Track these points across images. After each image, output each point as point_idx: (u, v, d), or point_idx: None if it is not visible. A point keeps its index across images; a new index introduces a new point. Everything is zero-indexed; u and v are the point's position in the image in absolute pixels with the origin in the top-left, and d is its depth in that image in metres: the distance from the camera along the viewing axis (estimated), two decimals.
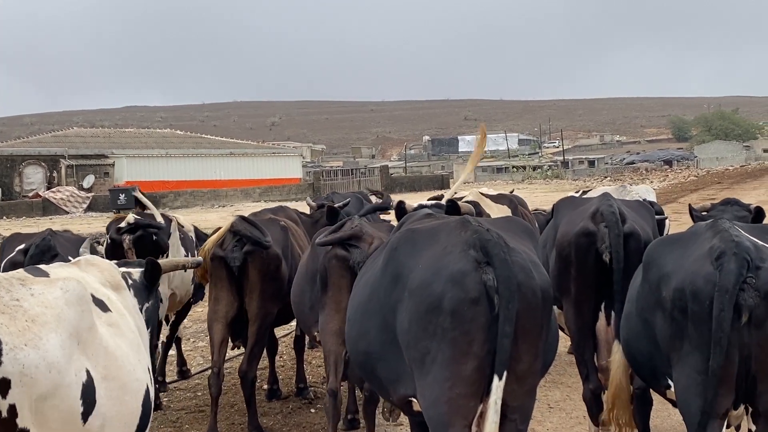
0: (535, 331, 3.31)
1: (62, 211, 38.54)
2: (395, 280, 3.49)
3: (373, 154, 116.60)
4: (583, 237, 4.72)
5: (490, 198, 6.93)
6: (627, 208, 4.92)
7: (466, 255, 3.29)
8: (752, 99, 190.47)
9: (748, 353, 3.40)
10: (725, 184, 37.24)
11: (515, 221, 4.06)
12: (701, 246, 3.59)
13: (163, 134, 56.30)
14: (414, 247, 3.51)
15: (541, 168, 65.45)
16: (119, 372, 3.06)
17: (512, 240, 3.49)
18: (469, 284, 3.22)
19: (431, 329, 3.25)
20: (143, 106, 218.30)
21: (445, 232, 3.51)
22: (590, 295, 4.73)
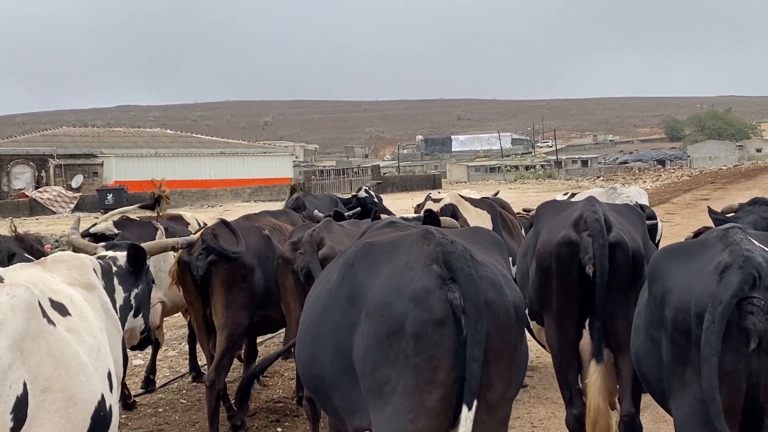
0: (507, 354, 2.99)
1: (49, 211, 38.09)
2: (351, 300, 3.15)
3: (367, 153, 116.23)
4: (564, 247, 4.29)
5: (470, 201, 6.47)
6: (614, 214, 4.49)
7: (428, 271, 2.96)
8: (745, 99, 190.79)
9: (757, 383, 2.97)
10: (719, 184, 36.96)
11: (483, 232, 3.70)
12: (710, 260, 3.18)
13: (153, 134, 55.81)
14: (372, 263, 3.17)
15: (534, 168, 65.16)
16: (68, 383, 2.87)
17: (480, 253, 3.17)
18: (433, 303, 2.89)
19: (392, 355, 2.91)
20: (135, 106, 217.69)
21: (406, 246, 3.16)
22: (573, 310, 4.30)
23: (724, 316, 2.93)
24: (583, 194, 6.56)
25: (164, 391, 7.02)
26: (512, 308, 3.01)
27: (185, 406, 6.57)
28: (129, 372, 7.49)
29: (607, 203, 4.83)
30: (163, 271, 6.56)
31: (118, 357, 3.65)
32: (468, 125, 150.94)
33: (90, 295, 3.47)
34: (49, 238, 23.97)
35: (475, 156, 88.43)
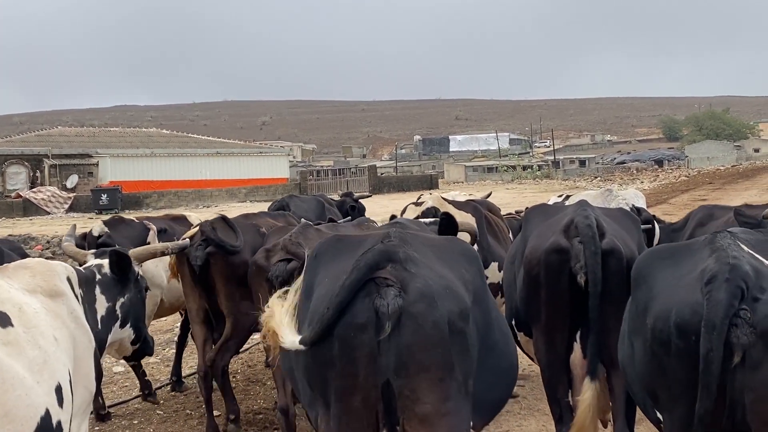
0: (436, 369, 2.88)
1: (43, 212, 37.85)
2: (308, 294, 3.21)
3: (364, 153, 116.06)
4: (554, 254, 4.02)
5: (453, 204, 6.16)
6: (608, 219, 4.24)
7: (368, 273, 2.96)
8: (743, 99, 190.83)
9: (740, 399, 2.81)
10: (717, 185, 36.73)
11: (454, 242, 3.49)
12: (695, 266, 3.01)
13: (149, 133, 55.53)
14: (332, 257, 3.23)
15: (531, 168, 64.94)
16: (2, 398, 2.72)
17: (437, 262, 3.08)
18: (358, 308, 2.89)
19: (326, 356, 2.95)
20: (133, 106, 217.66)
21: (366, 246, 3.14)
22: (563, 322, 4.03)
23: (721, 341, 2.78)
24: (578, 196, 6.32)
25: (141, 401, 6.75)
26: (443, 322, 2.91)
27: (161, 418, 6.33)
28: (107, 380, 7.27)
29: (600, 207, 4.56)
30: (159, 268, 6.49)
31: (88, 369, 3.47)
32: (466, 125, 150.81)
33: (54, 302, 3.31)
34: (41, 239, 23.81)
35: (472, 156, 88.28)
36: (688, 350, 2.86)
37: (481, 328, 3.15)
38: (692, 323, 2.85)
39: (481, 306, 3.20)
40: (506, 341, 3.43)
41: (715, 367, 2.77)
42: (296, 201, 8.57)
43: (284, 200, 8.52)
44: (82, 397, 3.41)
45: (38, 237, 23.59)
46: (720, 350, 2.77)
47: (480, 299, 3.22)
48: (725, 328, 2.77)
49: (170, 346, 8.87)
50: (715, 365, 2.77)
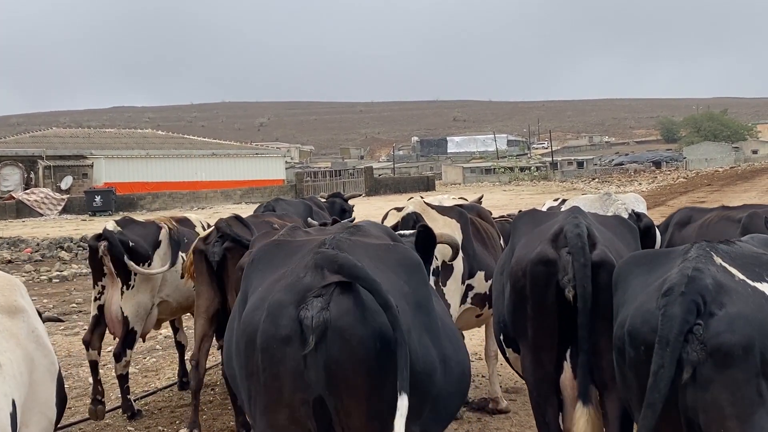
0: (365, 387, 2.72)
1: (36, 213, 37.53)
2: (243, 300, 3.05)
3: (362, 155, 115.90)
4: (540, 265, 3.69)
5: (436, 209, 5.80)
6: (602, 228, 3.92)
7: (295, 285, 2.81)
8: (741, 100, 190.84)
9: (694, 418, 2.66)
10: (715, 186, 36.45)
11: (396, 250, 3.22)
12: (664, 273, 2.89)
13: (144, 134, 55.23)
14: (268, 264, 3.07)
15: (529, 169, 64.70)
16: None
17: (374, 271, 2.86)
18: (283, 319, 2.74)
19: (250, 367, 2.84)
20: (131, 107, 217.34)
21: (304, 251, 2.99)
22: (551, 339, 3.71)
23: (674, 358, 2.65)
24: (575, 200, 5.97)
25: (113, 416, 6.41)
26: (372, 338, 2.71)
27: None
28: (81, 392, 6.96)
29: (595, 214, 4.22)
30: (169, 270, 6.47)
31: (48, 395, 3.16)
32: (464, 126, 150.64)
33: (11, 320, 3.04)
34: (31, 242, 23.49)
35: (470, 157, 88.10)
36: (638, 360, 2.80)
37: (433, 340, 2.95)
38: (641, 332, 2.79)
39: (426, 316, 3.00)
40: (457, 350, 3.23)
41: (664, 384, 2.64)
42: (282, 204, 8.27)
43: (270, 204, 8.24)
44: (39, 425, 3.12)
45: (28, 239, 23.28)
46: (672, 367, 2.64)
47: (425, 310, 3.02)
48: (678, 345, 2.65)
49: (151, 355, 8.56)
50: (664, 383, 2.64)
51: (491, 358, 6.21)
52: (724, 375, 2.61)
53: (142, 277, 6.28)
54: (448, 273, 5.40)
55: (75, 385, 7.34)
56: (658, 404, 2.64)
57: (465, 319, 5.69)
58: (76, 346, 9.14)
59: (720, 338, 2.63)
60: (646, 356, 2.71)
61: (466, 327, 6.05)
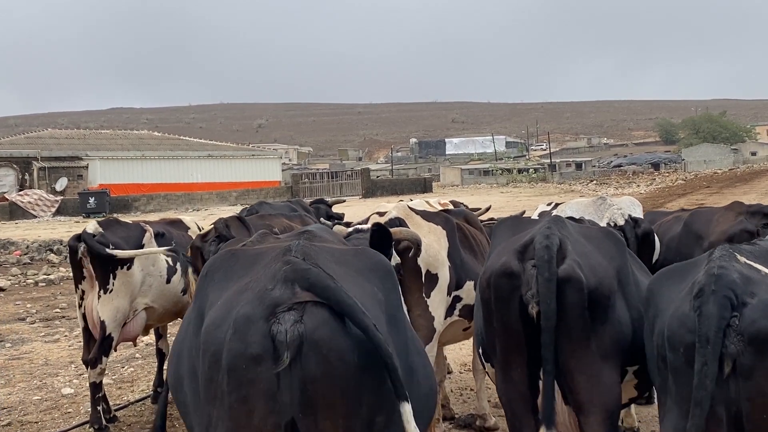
0: (345, 406, 2.48)
1: (30, 215, 37.24)
2: (199, 316, 2.74)
3: (360, 156, 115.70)
4: (503, 278, 3.40)
5: (421, 215, 5.48)
6: (582, 241, 3.63)
7: (264, 296, 2.52)
8: (739, 102, 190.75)
9: (737, 410, 2.71)
10: (714, 188, 36.13)
11: (365, 254, 2.96)
12: (692, 280, 2.96)
13: (140, 136, 54.92)
14: (226, 276, 2.78)
15: (527, 171, 64.45)
16: None
17: (341, 279, 2.61)
18: (252, 335, 2.45)
19: (212, 390, 2.53)
20: (129, 108, 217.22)
21: (266, 260, 2.71)
22: (520, 357, 3.41)
23: (716, 355, 2.71)
24: (568, 204, 5.66)
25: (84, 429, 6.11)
26: (351, 352, 2.47)
27: None
28: (50, 405, 6.66)
29: (580, 226, 3.93)
30: (152, 275, 6.25)
31: None
32: (462, 128, 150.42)
33: None
34: (21, 244, 23.18)
35: (469, 159, 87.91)
36: (679, 363, 2.87)
37: (400, 353, 2.69)
38: (679, 334, 2.85)
39: (397, 327, 2.78)
40: (424, 363, 2.99)
41: (710, 381, 2.69)
42: (266, 207, 8.02)
43: (254, 207, 7.99)
44: None
45: (18, 242, 22.98)
46: (715, 363, 2.70)
47: (396, 319, 2.80)
48: (719, 341, 2.71)
49: (129, 364, 8.25)
50: (709, 379, 2.69)
51: (479, 372, 5.84)
52: (765, 361, 2.66)
53: (122, 281, 6.01)
54: (433, 283, 5.08)
55: (47, 396, 7.02)
56: (706, 402, 2.69)
57: (452, 332, 5.34)
58: (54, 354, 8.85)
59: (756, 325, 2.69)
60: (686, 357, 2.80)
61: (453, 340, 5.73)
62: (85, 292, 6.02)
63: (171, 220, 7.26)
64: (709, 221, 5.59)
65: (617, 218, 5.01)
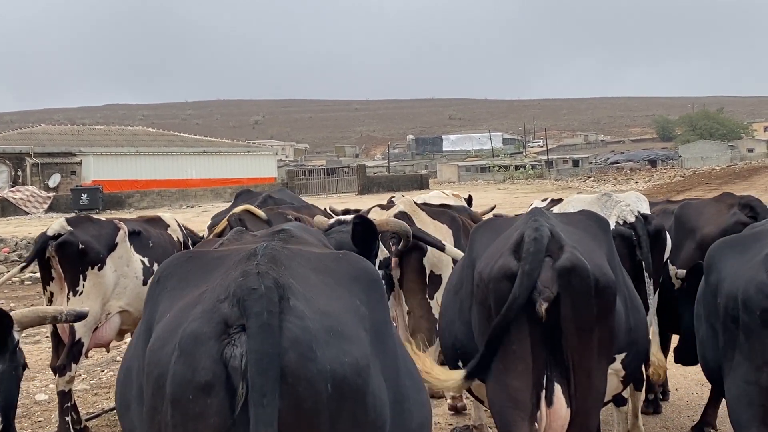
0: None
1: (22, 212, 36.85)
2: (147, 331, 2.35)
3: (357, 153, 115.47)
4: (504, 281, 3.17)
5: (427, 212, 5.18)
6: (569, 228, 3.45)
7: (214, 312, 2.10)
8: (736, 98, 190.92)
9: None
10: (713, 185, 35.82)
11: (344, 260, 2.54)
12: (761, 251, 3.39)
13: (134, 132, 54.58)
14: (179, 283, 2.38)
15: (524, 168, 64.18)
16: None
17: (316, 289, 2.23)
18: (200, 359, 2.03)
19: (156, 421, 2.12)
20: (125, 104, 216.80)
21: (226, 266, 2.30)
22: (522, 363, 3.16)
23: None
24: (569, 200, 5.34)
25: None
26: (322, 379, 2.06)
27: None
28: (21, 413, 6.31)
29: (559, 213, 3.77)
30: (127, 276, 5.92)
31: None
32: (459, 125, 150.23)
33: None
34: (10, 241, 22.82)
35: (466, 156, 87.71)
36: (754, 324, 3.23)
37: (388, 377, 2.30)
38: (757, 300, 3.22)
39: (384, 346, 2.37)
40: (418, 388, 2.58)
41: None
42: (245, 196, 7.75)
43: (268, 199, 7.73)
44: None
45: (8, 239, 22.62)
46: None
47: (383, 337, 2.39)
48: None
49: (109, 367, 7.89)
50: None
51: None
52: None
53: (93, 283, 5.67)
54: (436, 285, 4.81)
55: (20, 403, 6.60)
56: None
57: None
58: (33, 356, 8.50)
59: None
60: (762, 319, 3.20)
61: None
62: (54, 294, 5.68)
63: (149, 218, 6.89)
64: (700, 214, 5.50)
65: (627, 215, 4.70)
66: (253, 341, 2.00)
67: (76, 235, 5.66)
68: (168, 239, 6.51)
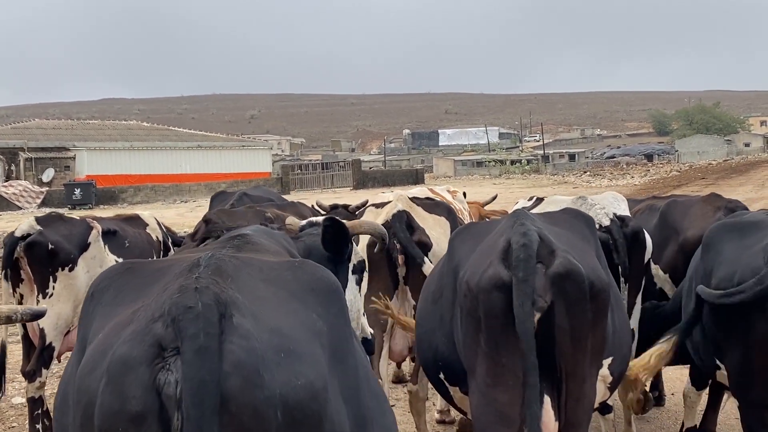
0: None
1: (15, 207, 36.63)
2: (81, 351, 2.13)
3: (353, 147, 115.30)
4: (495, 292, 2.98)
5: (423, 206, 5.06)
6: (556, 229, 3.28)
7: (146, 333, 1.88)
8: (733, 93, 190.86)
9: None
10: (709, 180, 35.69)
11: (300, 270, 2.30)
12: (760, 239, 3.57)
13: (128, 126, 54.28)
14: (115, 298, 2.16)
15: (520, 162, 64.04)
16: None
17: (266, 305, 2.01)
18: (130, 387, 1.82)
19: None
20: (120, 99, 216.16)
21: (167, 279, 2.09)
22: (512, 376, 2.98)
23: None
24: (548, 201, 5.21)
25: None
26: (271, 406, 1.84)
27: None
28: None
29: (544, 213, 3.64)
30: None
31: None
32: (455, 119, 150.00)
33: None
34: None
35: (462, 150, 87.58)
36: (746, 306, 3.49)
37: (349, 399, 2.09)
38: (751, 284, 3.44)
39: (344, 365, 2.15)
40: (383, 410, 2.34)
41: None
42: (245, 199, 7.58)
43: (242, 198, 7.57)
44: None
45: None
46: None
47: (343, 355, 2.17)
48: None
49: None
50: None
51: None
52: None
53: (63, 285, 5.50)
54: None
55: None
56: None
57: None
58: (15, 356, 8.30)
59: None
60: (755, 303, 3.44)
61: None
62: (24, 296, 5.50)
63: (126, 216, 6.70)
64: (685, 214, 5.45)
65: (601, 218, 4.59)
66: (188, 368, 1.79)
67: (46, 235, 5.48)
68: (146, 239, 6.34)
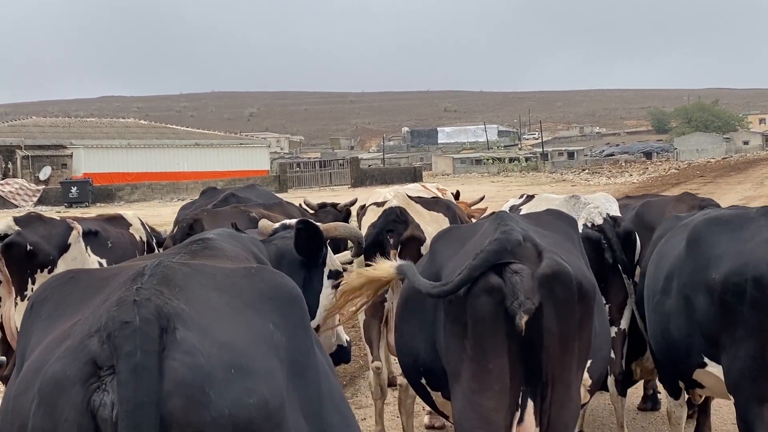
0: None
1: (11, 205, 36.53)
2: (20, 368, 2.00)
3: (352, 145, 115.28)
4: (484, 295, 2.89)
5: (421, 203, 5.01)
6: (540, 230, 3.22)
7: (80, 350, 1.75)
8: (732, 91, 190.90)
9: None
10: (708, 178, 35.59)
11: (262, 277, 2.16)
12: (759, 232, 3.57)
13: (126, 124, 54.20)
14: (54, 310, 2.02)
15: (518, 160, 63.97)
16: None
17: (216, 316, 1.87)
18: (62, 410, 1.69)
19: None
20: (119, 96, 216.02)
21: (108, 291, 1.94)
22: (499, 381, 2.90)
23: None
24: (539, 199, 5.16)
25: None
26: (218, 428, 1.71)
27: None
28: None
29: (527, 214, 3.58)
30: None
31: None
32: (454, 117, 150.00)
33: None
34: None
35: (461, 148, 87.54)
36: (762, 300, 3.41)
37: (310, 416, 1.97)
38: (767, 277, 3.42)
39: (303, 379, 2.02)
40: (347, 424, 2.21)
41: None
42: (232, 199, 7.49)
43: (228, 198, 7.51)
44: None
45: None
46: None
47: (303, 368, 2.04)
48: None
49: None
50: None
51: None
52: None
53: None
54: None
55: None
56: None
57: None
58: None
59: None
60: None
61: None
62: (2, 298, 5.38)
63: (109, 216, 6.58)
64: (661, 213, 5.44)
65: (595, 217, 4.61)
66: (124, 389, 1.67)
67: (24, 235, 5.34)
68: (129, 239, 6.23)
